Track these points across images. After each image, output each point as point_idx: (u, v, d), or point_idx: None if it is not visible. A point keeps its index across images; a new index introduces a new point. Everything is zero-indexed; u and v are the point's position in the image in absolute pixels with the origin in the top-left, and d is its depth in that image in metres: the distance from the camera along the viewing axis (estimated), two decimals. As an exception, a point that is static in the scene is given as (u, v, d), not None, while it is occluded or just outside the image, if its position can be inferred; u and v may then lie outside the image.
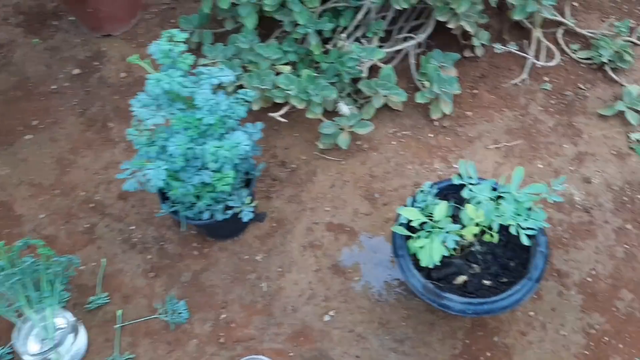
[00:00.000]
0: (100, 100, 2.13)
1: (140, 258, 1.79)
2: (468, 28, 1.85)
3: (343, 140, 1.86)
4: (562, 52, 2.05)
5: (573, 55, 2.03)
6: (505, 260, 1.42)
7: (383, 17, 2.00)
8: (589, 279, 1.63)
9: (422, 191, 1.42)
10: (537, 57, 2.00)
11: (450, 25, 1.87)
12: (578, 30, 2.05)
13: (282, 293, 1.69)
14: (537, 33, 2.01)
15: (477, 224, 1.29)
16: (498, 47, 1.82)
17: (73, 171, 1.98)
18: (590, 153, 1.83)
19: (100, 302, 1.71)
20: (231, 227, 1.72)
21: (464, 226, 1.34)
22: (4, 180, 1.97)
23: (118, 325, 1.67)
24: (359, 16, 1.92)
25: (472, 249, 1.43)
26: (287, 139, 1.96)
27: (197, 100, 1.37)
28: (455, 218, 1.40)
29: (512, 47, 1.84)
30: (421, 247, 1.29)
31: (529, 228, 1.22)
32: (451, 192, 1.46)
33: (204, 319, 1.67)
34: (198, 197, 1.52)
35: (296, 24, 1.87)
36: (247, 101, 1.47)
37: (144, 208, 1.87)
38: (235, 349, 1.62)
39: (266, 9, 1.84)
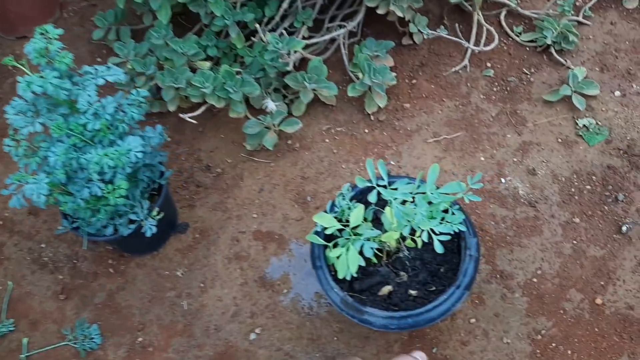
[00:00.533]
0: (12, 107, 1.96)
1: (51, 279, 1.63)
2: (399, 13, 1.71)
3: (269, 139, 1.71)
4: (506, 35, 1.91)
5: (517, 38, 1.90)
6: (434, 266, 1.28)
7: (312, 6, 1.86)
8: (535, 280, 1.50)
9: (341, 194, 1.28)
10: (478, 41, 1.86)
11: (380, 11, 1.73)
12: (521, 11, 1.91)
13: (204, 311, 1.55)
14: (477, 16, 1.88)
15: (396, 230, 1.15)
16: (427, 33, 1.68)
17: (-19, 186, 1.81)
18: (535, 142, 1.70)
19: (5, 330, 1.55)
20: (146, 241, 1.57)
21: (386, 231, 1.20)
22: None
23: (24, 355, 1.52)
24: (285, 5, 1.76)
25: (400, 254, 1.29)
26: (212, 141, 1.81)
27: (79, 104, 1.21)
28: (378, 222, 1.25)
29: (443, 32, 1.70)
30: (338, 257, 1.15)
31: (443, 233, 1.07)
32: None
33: (119, 344, 1.52)
34: (96, 212, 1.36)
35: (213, 16, 1.71)
36: (142, 103, 1.32)
37: (56, 224, 1.71)
38: (154, 375, 1.48)
39: (180, 0, 1.69)
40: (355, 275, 1.15)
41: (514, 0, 1.91)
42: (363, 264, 1.14)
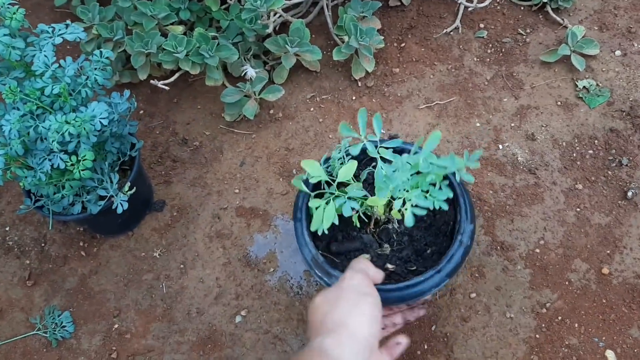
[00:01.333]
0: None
1: (17, 264, 1.51)
2: (387, -31, 1.59)
3: (250, 109, 1.59)
4: (499, -6, 1.80)
5: (511, -2, 1.79)
6: (422, 245, 1.15)
7: (293, -35, 1.73)
8: (537, 251, 1.41)
9: (338, 147, 1.14)
10: (468, 1, 1.75)
11: (366, -33, 1.60)
12: (515, -32, 1.81)
13: (184, 294, 1.43)
14: (469, -26, 1.76)
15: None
16: (419, -13, 1.56)
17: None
18: (533, 106, 1.60)
19: (-33, 321, 1.43)
20: (119, 220, 1.45)
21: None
22: None
23: (-12, 348, 1.40)
24: (263, -37, 1.63)
25: (389, 226, 1.17)
26: (188, 113, 1.68)
27: (35, 66, 1.08)
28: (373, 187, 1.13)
29: (437, -13, 1.59)
30: (316, 208, 1.02)
31: (419, 207, 0.94)
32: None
33: (93, 331, 1.41)
34: (60, 188, 1.23)
35: (185, -25, 1.58)
36: (107, 65, 1.18)
37: (21, 204, 1.58)
38: (132, 364, 1.36)
39: (148, -42, 1.55)
40: (327, 232, 1.00)
41: (507, -43, 1.80)
42: (337, 222, 1.02)
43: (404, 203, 0.94)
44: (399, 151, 1.11)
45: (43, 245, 1.53)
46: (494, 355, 1.30)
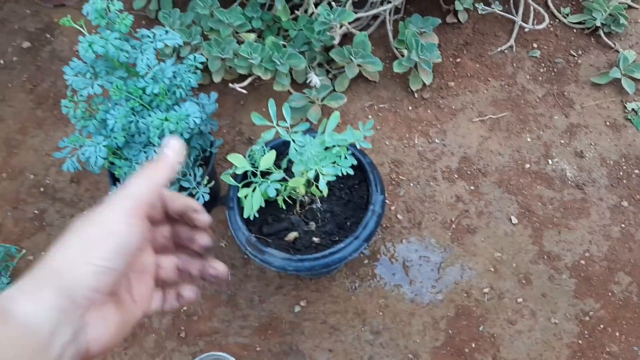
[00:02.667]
0: (51, 75, 1.95)
1: (93, 246, 1.63)
2: (449, -11, 1.69)
3: (313, 114, 1.70)
4: (553, 16, 1.89)
5: (564, 20, 1.87)
6: (342, 219, 1.32)
7: (358, -20, 1.83)
8: (583, 262, 1.49)
9: (258, 141, 1.30)
10: (524, 21, 1.84)
11: (430, -13, 1.70)
12: (569, -8, 1.89)
13: (248, 282, 1.55)
14: (525, -4, 1.85)
15: (302, 174, 1.18)
16: (481, 8, 1.66)
17: (21, 152, 1.80)
18: (583, 125, 1.69)
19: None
20: (191, 211, 1.56)
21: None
22: (-56, 164, 1.80)
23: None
24: (331, -22, 1.74)
25: (313, 206, 1.33)
26: (254, 115, 1.80)
27: (139, 67, 1.20)
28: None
29: (497, 8, 1.68)
30: (245, 197, 1.19)
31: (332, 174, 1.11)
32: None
33: (163, 312, 1.52)
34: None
35: (261, -13, 1.70)
36: (198, 68, 1.30)
37: (98, 192, 1.71)
38: (198, 344, 1.48)
39: (227, -30, 1.67)
40: (257, 216, 1.19)
41: (562, -19, 1.88)
42: (263, 205, 1.18)
43: (317, 177, 1.11)
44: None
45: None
46: (538, 357, 1.39)
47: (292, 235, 1.30)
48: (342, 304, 1.49)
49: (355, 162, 1.13)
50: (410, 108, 1.77)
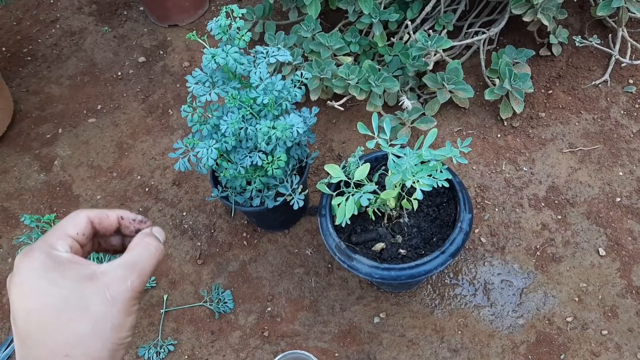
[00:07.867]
0: (162, 87, 2.14)
1: (190, 244, 1.76)
2: (545, 22, 1.72)
3: (403, 135, 1.77)
4: (651, 53, 1.87)
5: (663, 57, 1.85)
6: (429, 234, 1.35)
7: (453, 11, 1.91)
8: (674, 300, 1.45)
9: (353, 154, 1.36)
10: (621, 56, 1.83)
11: (526, 19, 1.74)
12: (670, 29, 1.87)
13: (330, 290, 1.61)
14: (622, 32, 1.85)
15: (395, 187, 1.23)
16: (579, 40, 1.68)
17: (131, 155, 1.98)
18: (679, 162, 1.65)
19: (147, 285, 1.68)
20: (282, 218, 1.66)
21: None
22: (65, 161, 2.01)
23: (163, 310, 1.64)
24: (428, 8, 1.83)
25: (401, 220, 1.37)
26: (344, 133, 1.89)
27: (252, 79, 1.32)
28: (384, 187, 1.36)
29: (595, 41, 1.69)
30: (338, 205, 1.25)
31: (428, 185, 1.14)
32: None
33: (249, 311, 1.62)
34: (249, 182, 1.46)
35: (360, 13, 1.80)
36: (303, 84, 1.41)
37: (197, 195, 1.85)
38: (279, 344, 1.55)
39: (332, -3, 1.79)
40: (348, 224, 1.25)
41: (662, 18, 1.87)
42: (356, 212, 1.23)
43: (409, 191, 1.16)
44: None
45: (212, 231, 1.77)
46: (622, 391, 1.36)
47: (379, 245, 1.36)
48: (421, 319, 1.52)
49: (450, 176, 1.18)
50: (499, 135, 1.80)
